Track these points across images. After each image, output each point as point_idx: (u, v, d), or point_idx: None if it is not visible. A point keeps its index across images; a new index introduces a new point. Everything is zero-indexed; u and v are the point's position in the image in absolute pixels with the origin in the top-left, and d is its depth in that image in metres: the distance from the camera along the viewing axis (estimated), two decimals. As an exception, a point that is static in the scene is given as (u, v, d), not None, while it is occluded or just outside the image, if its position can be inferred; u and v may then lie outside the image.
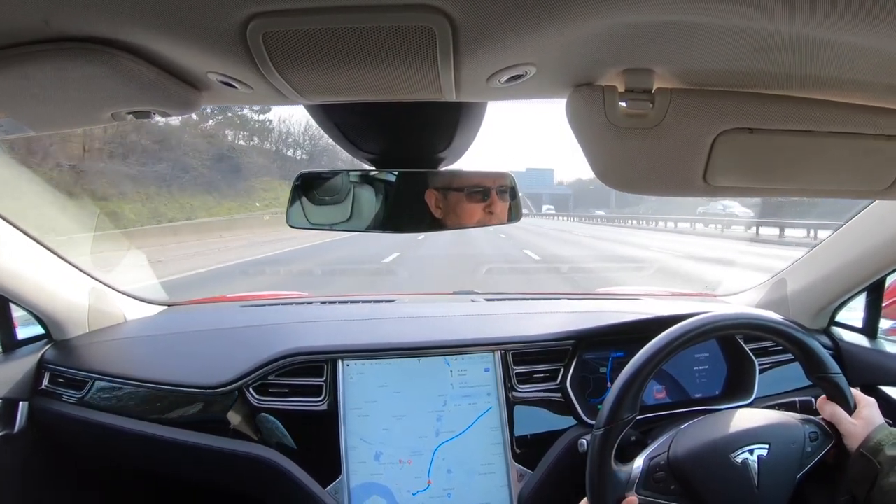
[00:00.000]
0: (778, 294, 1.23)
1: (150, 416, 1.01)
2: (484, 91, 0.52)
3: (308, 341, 1.03)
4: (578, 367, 1.03)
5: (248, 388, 0.99)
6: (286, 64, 0.44)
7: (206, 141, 20.27)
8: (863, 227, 1.03)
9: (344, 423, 0.97)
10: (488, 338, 1.04)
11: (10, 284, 0.96)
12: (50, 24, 0.39)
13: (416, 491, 0.97)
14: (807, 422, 0.80)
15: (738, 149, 0.52)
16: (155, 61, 0.45)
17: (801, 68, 0.45)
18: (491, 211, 0.77)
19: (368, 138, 0.74)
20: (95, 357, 1.07)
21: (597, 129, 0.51)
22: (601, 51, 0.45)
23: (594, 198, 47.75)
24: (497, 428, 1.00)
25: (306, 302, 1.38)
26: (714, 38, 0.42)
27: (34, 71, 0.44)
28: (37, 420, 1.03)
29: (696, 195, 0.59)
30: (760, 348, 1.07)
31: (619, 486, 0.75)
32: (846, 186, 0.60)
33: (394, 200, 0.76)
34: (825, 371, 0.80)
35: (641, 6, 0.37)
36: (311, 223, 0.78)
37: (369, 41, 0.41)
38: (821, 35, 0.39)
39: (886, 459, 0.72)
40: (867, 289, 1.08)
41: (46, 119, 0.56)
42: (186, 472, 1.05)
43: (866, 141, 0.52)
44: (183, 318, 1.27)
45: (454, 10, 0.37)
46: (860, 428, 0.77)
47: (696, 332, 0.79)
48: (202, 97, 0.53)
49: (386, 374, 1.01)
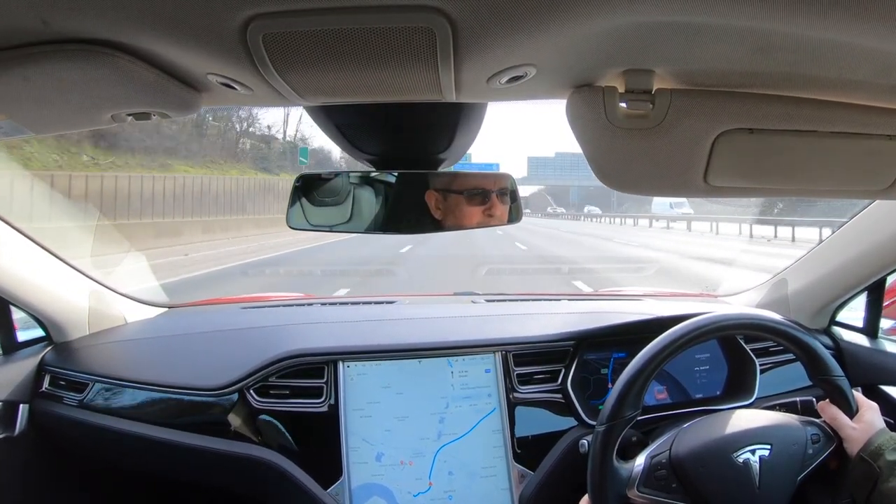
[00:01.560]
0: (778, 294, 1.22)
1: (151, 418, 1.01)
2: (484, 92, 0.52)
3: (309, 343, 1.03)
4: (579, 368, 1.03)
5: (248, 390, 0.99)
6: (286, 65, 0.44)
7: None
8: (863, 226, 1.03)
9: (345, 424, 0.97)
10: (489, 339, 1.04)
11: (11, 287, 0.96)
12: (49, 25, 0.39)
13: (417, 492, 0.96)
14: (809, 424, 0.80)
15: (739, 149, 0.52)
16: (155, 63, 0.45)
17: (801, 68, 0.45)
18: (491, 213, 0.77)
19: (368, 139, 0.74)
20: (96, 359, 1.06)
21: (597, 129, 0.51)
22: (601, 51, 0.45)
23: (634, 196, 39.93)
24: (499, 431, 0.99)
25: (307, 303, 1.38)
26: (714, 39, 0.42)
27: (34, 73, 0.44)
28: (37, 422, 1.03)
29: (696, 195, 0.59)
30: (761, 348, 1.07)
31: (620, 482, 0.75)
32: (846, 186, 0.60)
33: (394, 201, 0.76)
34: (828, 373, 0.80)
35: (641, 7, 0.37)
36: (311, 224, 0.78)
37: (369, 42, 0.41)
38: (821, 35, 0.39)
39: (886, 464, 0.72)
40: (868, 288, 1.08)
41: (46, 121, 0.56)
42: (187, 475, 1.05)
43: (866, 141, 0.52)
44: (183, 320, 1.27)
45: (454, 11, 0.37)
46: (861, 432, 0.76)
47: (701, 332, 0.79)
48: (202, 98, 0.53)
49: (389, 375, 1.01)
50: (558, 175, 52.73)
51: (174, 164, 17.73)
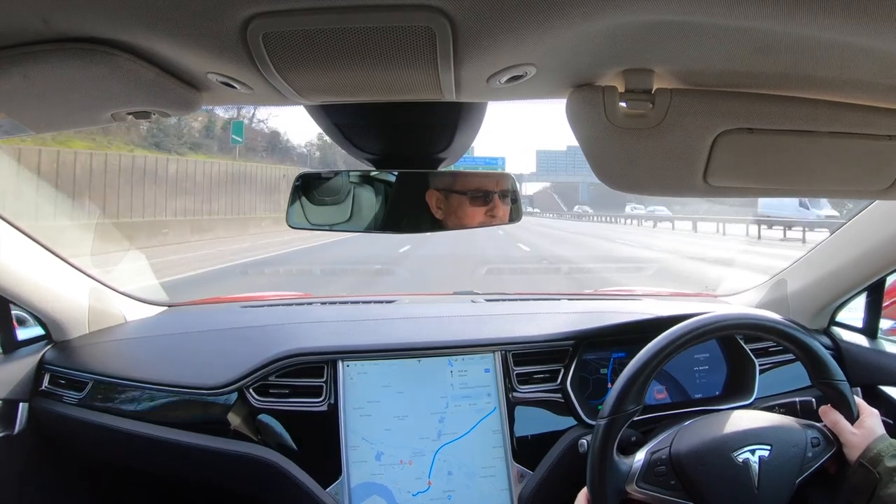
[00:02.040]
0: (778, 294, 1.23)
1: (151, 416, 1.01)
2: (484, 91, 0.52)
3: (308, 342, 1.03)
4: (578, 368, 1.03)
5: (248, 389, 0.99)
6: (286, 64, 0.44)
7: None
8: (863, 226, 1.03)
9: (345, 423, 0.97)
10: (488, 338, 1.04)
11: (10, 285, 0.96)
12: (49, 23, 0.39)
13: (416, 492, 0.96)
14: (809, 427, 0.80)
15: (738, 149, 0.52)
16: (155, 61, 0.45)
17: (801, 68, 0.45)
18: (493, 214, 0.77)
19: (368, 138, 0.74)
20: (96, 358, 1.06)
21: (597, 129, 0.51)
22: (601, 51, 0.45)
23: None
24: (498, 431, 0.99)
25: (306, 302, 1.38)
26: (714, 39, 0.42)
27: (34, 71, 0.44)
28: (37, 421, 1.03)
29: (696, 195, 0.59)
30: (761, 348, 1.07)
31: (619, 476, 0.75)
32: (846, 186, 0.60)
33: (394, 201, 0.76)
34: (830, 377, 0.80)
35: (641, 6, 0.37)
36: (311, 223, 0.78)
37: (369, 42, 0.41)
38: (821, 35, 0.39)
39: (885, 470, 0.72)
40: (867, 289, 1.08)
41: (46, 119, 0.56)
42: (186, 473, 1.05)
43: (866, 141, 0.52)
44: (183, 318, 1.27)
45: (454, 11, 0.37)
46: (861, 438, 0.76)
47: (705, 330, 0.79)
48: (202, 97, 0.53)
49: (389, 374, 1.01)
50: (570, 171, 50.15)
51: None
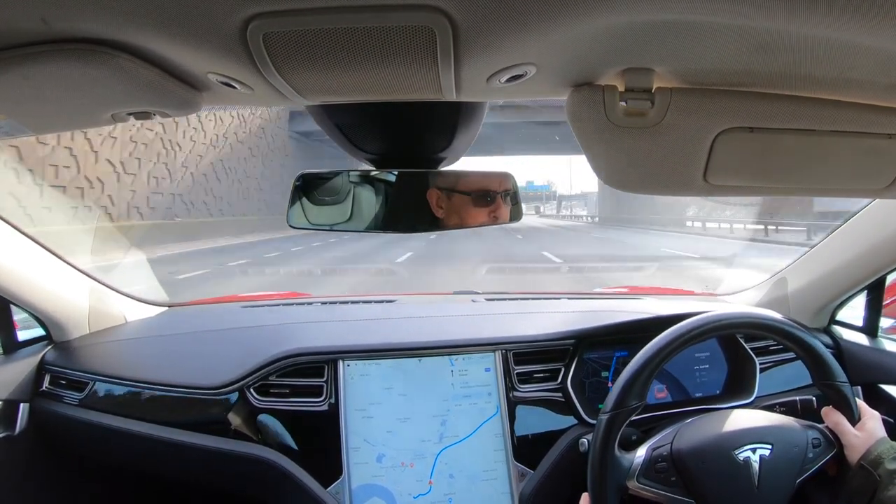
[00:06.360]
0: (778, 293, 1.23)
1: (151, 417, 1.01)
2: (484, 91, 0.52)
3: (309, 342, 1.03)
4: (579, 367, 1.03)
5: (248, 389, 0.99)
6: (286, 64, 0.44)
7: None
8: (863, 225, 1.03)
9: (346, 424, 0.97)
10: (489, 338, 1.04)
11: (11, 286, 0.96)
12: (49, 24, 0.39)
13: (417, 494, 0.96)
14: (810, 427, 0.80)
15: (739, 148, 0.52)
16: (155, 62, 0.45)
17: (801, 67, 0.45)
18: (496, 214, 0.77)
19: (368, 138, 0.74)
20: (96, 358, 1.07)
21: (597, 128, 0.51)
22: (601, 50, 0.45)
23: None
24: (500, 434, 0.99)
25: (307, 302, 1.38)
26: (714, 38, 0.42)
27: (34, 72, 0.44)
28: (38, 422, 1.03)
29: (696, 195, 0.59)
30: (761, 347, 1.07)
31: (620, 472, 0.76)
32: (846, 185, 0.60)
33: (394, 200, 0.76)
34: (832, 379, 0.80)
35: (641, 6, 0.37)
36: (312, 223, 0.78)
37: (369, 41, 0.41)
38: (821, 34, 0.39)
39: (886, 473, 0.72)
40: (868, 287, 1.08)
41: (46, 120, 0.56)
42: (187, 474, 1.05)
43: (866, 140, 0.52)
44: (183, 318, 1.27)
45: (454, 10, 0.37)
46: (862, 440, 0.77)
47: (707, 328, 0.79)
48: (202, 98, 0.53)
49: (391, 376, 1.00)
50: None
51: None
